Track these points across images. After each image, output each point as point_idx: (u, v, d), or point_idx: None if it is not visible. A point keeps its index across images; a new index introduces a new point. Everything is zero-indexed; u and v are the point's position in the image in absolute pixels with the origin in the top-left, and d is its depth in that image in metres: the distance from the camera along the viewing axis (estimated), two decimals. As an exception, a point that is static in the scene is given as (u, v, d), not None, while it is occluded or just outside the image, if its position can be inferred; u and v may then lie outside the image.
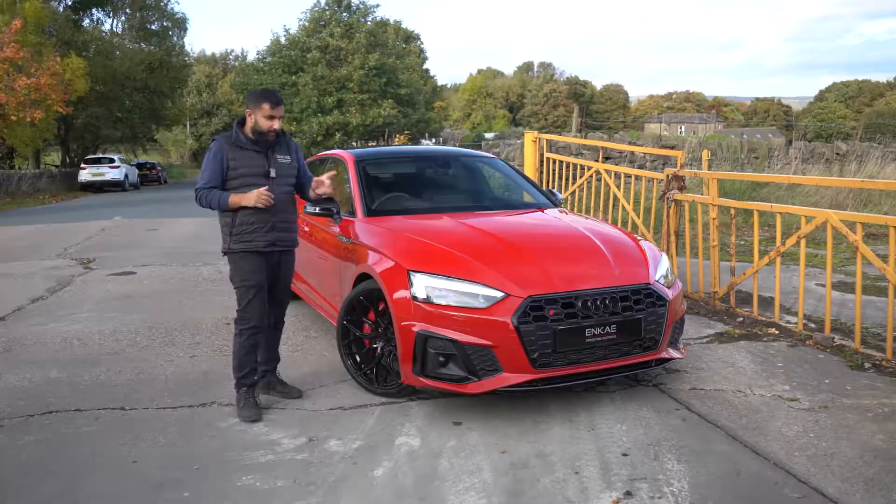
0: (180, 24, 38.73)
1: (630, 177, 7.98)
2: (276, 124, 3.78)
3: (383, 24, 43.24)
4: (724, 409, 3.77)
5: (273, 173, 3.82)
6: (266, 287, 3.87)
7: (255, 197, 3.68)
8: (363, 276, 4.14)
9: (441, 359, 3.59)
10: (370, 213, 4.63)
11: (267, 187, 3.73)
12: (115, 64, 32.73)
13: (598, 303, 3.64)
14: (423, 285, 3.65)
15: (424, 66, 61.84)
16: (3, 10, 24.41)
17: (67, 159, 35.13)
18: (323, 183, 3.96)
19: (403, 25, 59.40)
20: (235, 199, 3.72)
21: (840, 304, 5.94)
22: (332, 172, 4.07)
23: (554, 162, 9.03)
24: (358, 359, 4.09)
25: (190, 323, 5.75)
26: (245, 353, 3.82)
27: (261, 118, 3.75)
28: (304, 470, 3.15)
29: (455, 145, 39.34)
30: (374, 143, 34.09)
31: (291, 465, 3.20)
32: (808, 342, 4.91)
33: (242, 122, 3.86)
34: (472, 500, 2.87)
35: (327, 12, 38.55)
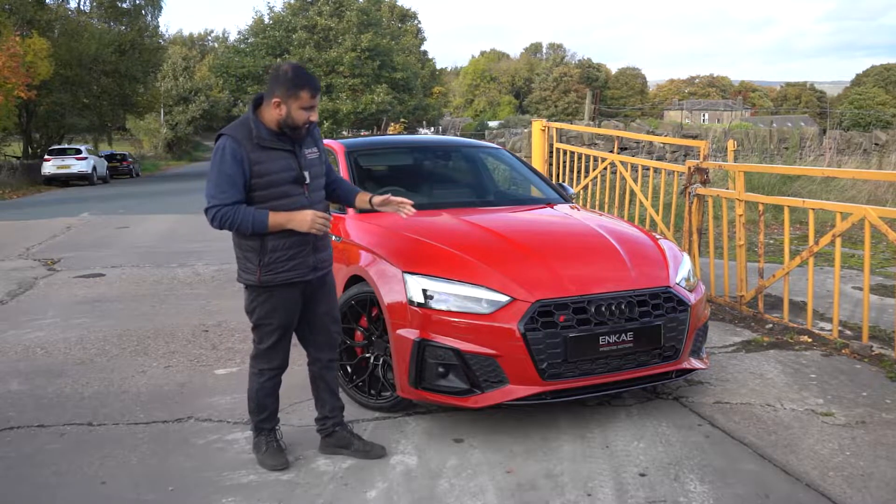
0: (154, 1, 38.75)
1: (648, 169, 7.99)
2: (315, 116, 3.24)
3: (377, 0, 43.28)
4: (752, 425, 3.78)
5: (307, 177, 3.29)
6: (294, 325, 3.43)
7: (310, 222, 3.16)
8: (355, 279, 4.14)
9: (440, 369, 3.59)
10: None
11: (305, 195, 3.25)
12: (82, 45, 32.68)
13: (614, 308, 3.65)
14: (420, 288, 3.65)
15: (422, 48, 61.95)
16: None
17: (29, 150, 35.11)
18: (390, 201, 3.48)
19: (399, 3, 59.50)
20: (280, 219, 3.15)
21: (879, 310, 5.94)
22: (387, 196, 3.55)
23: (564, 153, 9.03)
24: (349, 369, 4.10)
25: (164, 330, 5.75)
26: (266, 394, 3.41)
27: (297, 110, 3.14)
28: (289, 492, 3.15)
29: (456, 134, 39.38)
30: (367, 133, 34.13)
31: (276, 487, 3.20)
32: (843, 351, 4.91)
33: (258, 106, 3.25)
34: (474, 525, 2.88)
35: (315, -12, 38.61)
